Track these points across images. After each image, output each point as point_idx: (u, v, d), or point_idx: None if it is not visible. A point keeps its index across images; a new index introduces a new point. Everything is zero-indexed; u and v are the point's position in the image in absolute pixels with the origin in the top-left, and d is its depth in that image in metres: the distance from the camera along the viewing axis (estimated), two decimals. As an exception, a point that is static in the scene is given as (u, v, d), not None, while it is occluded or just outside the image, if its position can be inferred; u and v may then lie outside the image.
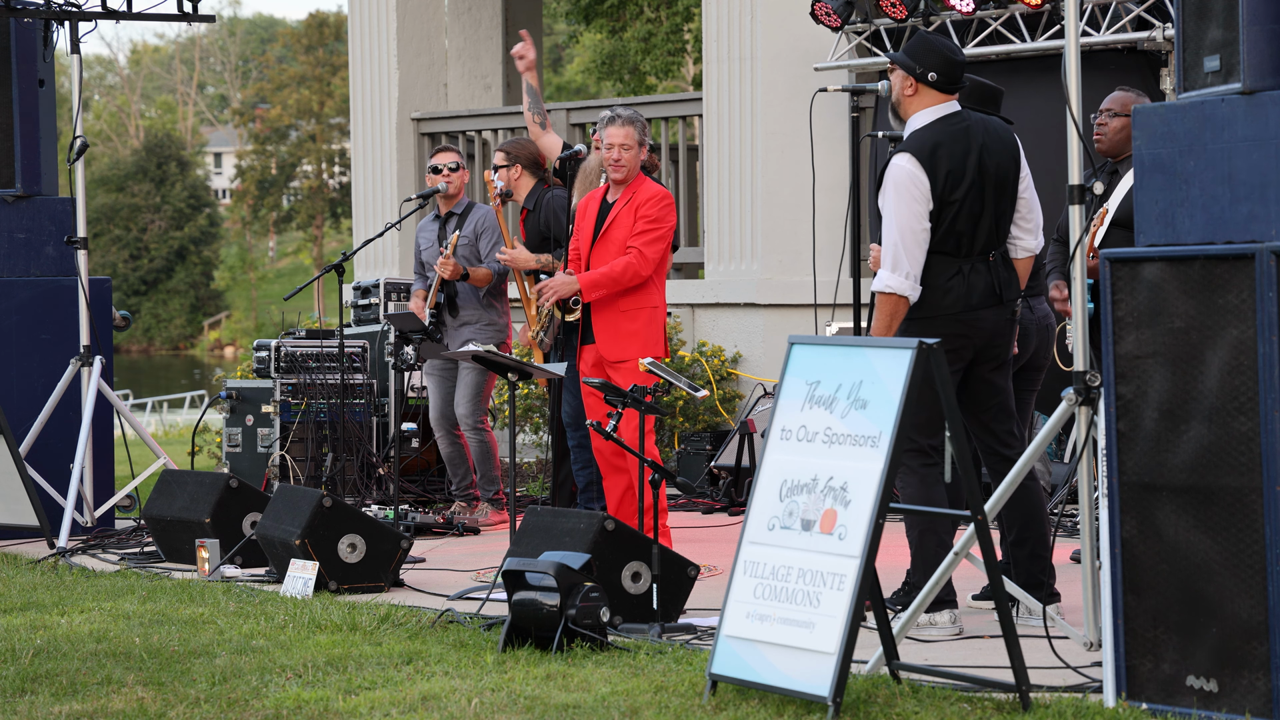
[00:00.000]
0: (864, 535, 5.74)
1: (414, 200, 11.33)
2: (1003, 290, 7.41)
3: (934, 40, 7.49)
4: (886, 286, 7.26)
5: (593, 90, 45.07)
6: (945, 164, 7.28)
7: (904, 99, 7.43)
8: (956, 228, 7.32)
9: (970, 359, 7.40)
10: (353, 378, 11.94)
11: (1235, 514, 5.52)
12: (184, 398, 38.67)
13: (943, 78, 7.37)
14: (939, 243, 7.31)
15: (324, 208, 75.78)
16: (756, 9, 13.28)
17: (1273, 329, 5.42)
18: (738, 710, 5.83)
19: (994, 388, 7.47)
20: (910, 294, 7.26)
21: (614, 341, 9.24)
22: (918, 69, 7.37)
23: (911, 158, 7.28)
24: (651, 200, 9.24)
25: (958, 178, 7.29)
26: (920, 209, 7.27)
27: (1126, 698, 5.76)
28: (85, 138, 10.53)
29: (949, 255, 7.33)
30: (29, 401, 10.66)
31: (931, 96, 7.40)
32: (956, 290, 7.32)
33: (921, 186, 7.26)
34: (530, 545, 7.58)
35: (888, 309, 7.26)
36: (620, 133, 9.25)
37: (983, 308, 7.35)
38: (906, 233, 7.25)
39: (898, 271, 7.25)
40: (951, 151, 7.30)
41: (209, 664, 6.73)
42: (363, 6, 15.98)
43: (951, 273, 7.32)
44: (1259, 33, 5.63)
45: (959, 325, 7.30)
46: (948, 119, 7.38)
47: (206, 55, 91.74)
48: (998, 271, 7.40)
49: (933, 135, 7.32)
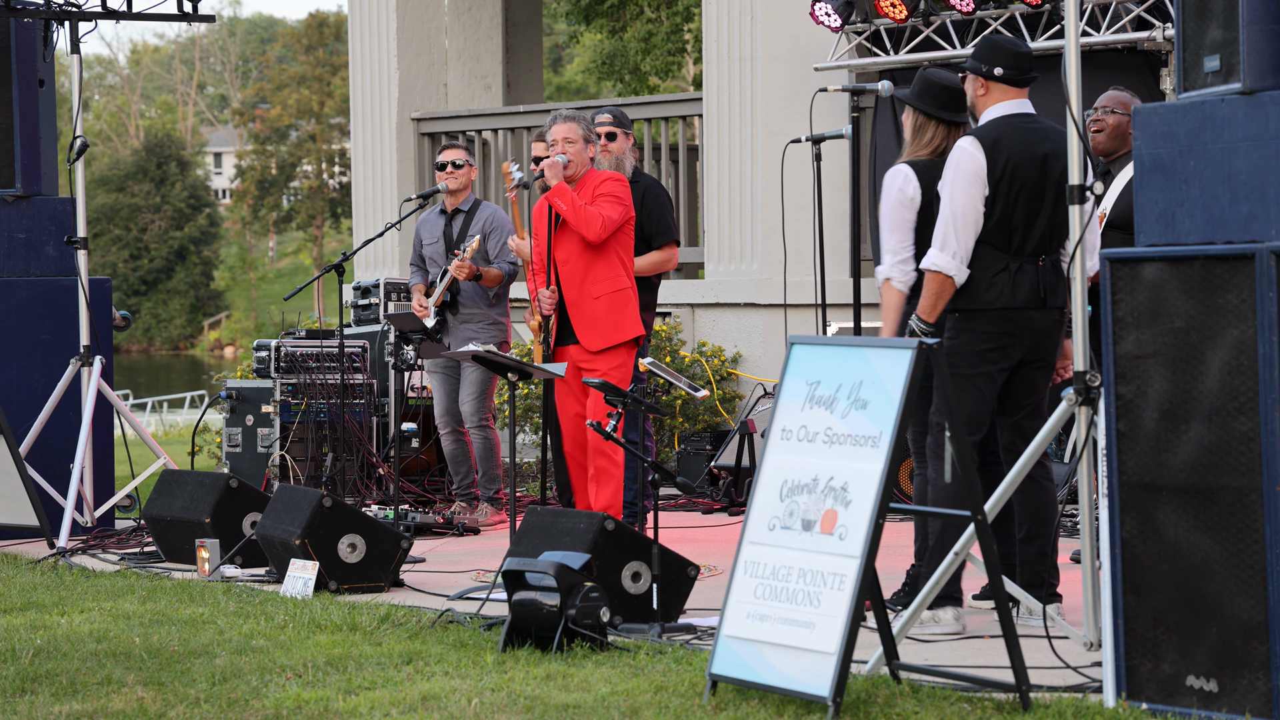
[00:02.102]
0: (864, 535, 5.74)
1: (414, 200, 11.33)
2: (1048, 294, 7.41)
3: (997, 38, 7.60)
4: (934, 265, 7.30)
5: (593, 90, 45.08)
6: (1007, 153, 7.31)
7: (978, 100, 7.48)
8: (1011, 222, 7.33)
9: (1019, 360, 7.42)
10: (353, 378, 11.94)
11: (1235, 514, 5.52)
12: (184, 398, 38.67)
13: (1010, 70, 7.41)
14: (990, 233, 7.33)
15: (324, 208, 75.79)
16: (756, 9, 13.28)
17: (1273, 329, 5.42)
18: (738, 710, 5.83)
19: (1033, 387, 7.51)
20: (956, 275, 7.28)
21: (592, 331, 9.26)
22: (984, 67, 7.43)
23: (975, 140, 7.34)
24: (606, 180, 9.32)
25: (1018, 171, 7.31)
26: (976, 191, 7.29)
27: (1126, 698, 5.76)
28: (85, 138, 10.53)
29: (998, 249, 7.34)
30: (29, 401, 10.65)
31: (1002, 92, 7.44)
32: (1000, 286, 7.33)
33: (980, 169, 7.29)
34: (530, 545, 7.58)
35: (934, 287, 7.30)
36: (562, 129, 9.35)
37: (1028, 309, 7.37)
38: (959, 213, 7.28)
39: (945, 250, 7.28)
40: (1016, 145, 7.34)
41: (209, 664, 6.73)
42: (363, 6, 15.99)
43: (999, 268, 7.34)
44: (1259, 33, 5.63)
45: (1006, 324, 7.33)
46: (1019, 116, 7.43)
47: (206, 55, 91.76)
48: (1045, 276, 7.40)
49: (999, 127, 7.38)
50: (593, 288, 9.27)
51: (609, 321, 9.26)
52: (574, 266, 9.29)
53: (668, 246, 10.34)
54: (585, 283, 9.27)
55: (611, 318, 9.27)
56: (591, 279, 9.27)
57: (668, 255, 10.34)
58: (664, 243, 10.32)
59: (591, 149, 9.41)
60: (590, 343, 9.26)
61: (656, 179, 10.65)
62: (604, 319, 9.26)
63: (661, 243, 10.31)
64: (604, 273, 9.28)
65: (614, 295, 9.28)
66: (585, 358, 9.27)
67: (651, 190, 10.36)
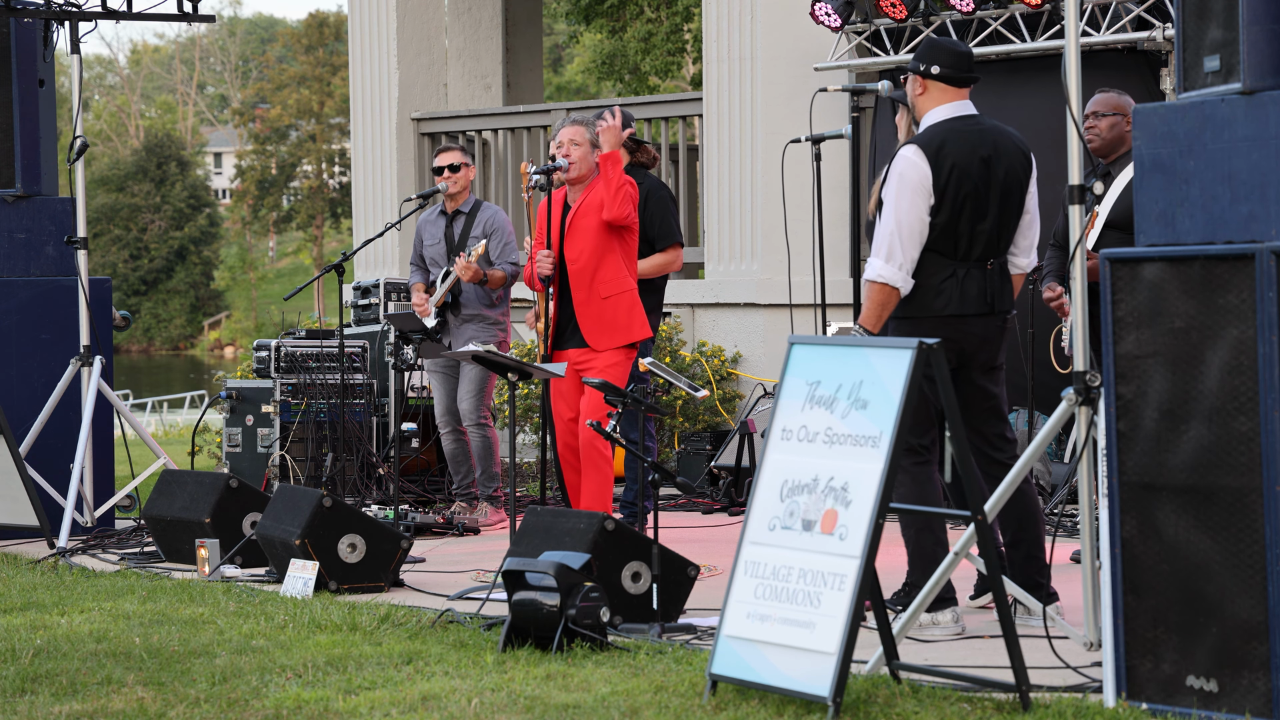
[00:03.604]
0: (864, 535, 5.74)
1: (414, 200, 11.33)
2: (994, 300, 7.37)
3: (938, 39, 7.51)
4: (879, 276, 7.24)
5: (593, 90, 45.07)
6: (951, 160, 7.26)
7: (916, 101, 7.41)
8: (956, 228, 7.30)
9: (956, 364, 7.37)
10: (353, 378, 11.94)
11: (1235, 514, 5.52)
12: (184, 398, 38.67)
13: (947, 69, 7.36)
14: (935, 241, 7.29)
15: (324, 208, 75.79)
16: (756, 9, 13.28)
17: (1273, 329, 5.42)
18: (738, 710, 5.83)
19: (985, 392, 7.45)
20: (902, 286, 7.25)
21: (601, 331, 9.27)
22: (921, 66, 7.37)
23: (918, 149, 7.27)
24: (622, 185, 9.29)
25: (963, 176, 7.27)
26: (920, 201, 7.25)
27: (1126, 698, 5.76)
28: (85, 138, 10.53)
29: (945, 256, 7.31)
30: (29, 401, 10.65)
31: (941, 92, 7.38)
32: (949, 293, 7.30)
33: (924, 179, 7.24)
34: (530, 545, 7.57)
35: (878, 299, 7.25)
36: (568, 132, 9.40)
37: (973, 315, 7.33)
38: (903, 224, 7.23)
39: (891, 262, 7.24)
40: (960, 149, 7.28)
41: (209, 664, 6.73)
42: (363, 6, 15.99)
43: (945, 274, 7.30)
44: (1259, 33, 5.63)
45: (947, 330, 7.24)
46: (961, 119, 7.37)
47: (206, 55, 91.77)
48: (993, 280, 7.37)
49: (942, 132, 7.31)
50: (601, 288, 9.28)
51: (618, 322, 9.28)
52: (584, 266, 9.30)
53: (672, 248, 10.35)
54: (595, 283, 9.28)
55: (620, 318, 9.29)
56: (600, 280, 9.28)
57: (672, 257, 10.35)
58: (668, 245, 10.33)
59: (597, 153, 9.42)
60: (598, 343, 9.27)
61: (660, 180, 10.63)
62: (613, 319, 9.28)
63: (665, 245, 10.32)
64: (612, 273, 9.30)
65: (622, 296, 9.31)
66: (583, 359, 9.27)
67: (655, 192, 10.36)
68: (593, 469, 9.21)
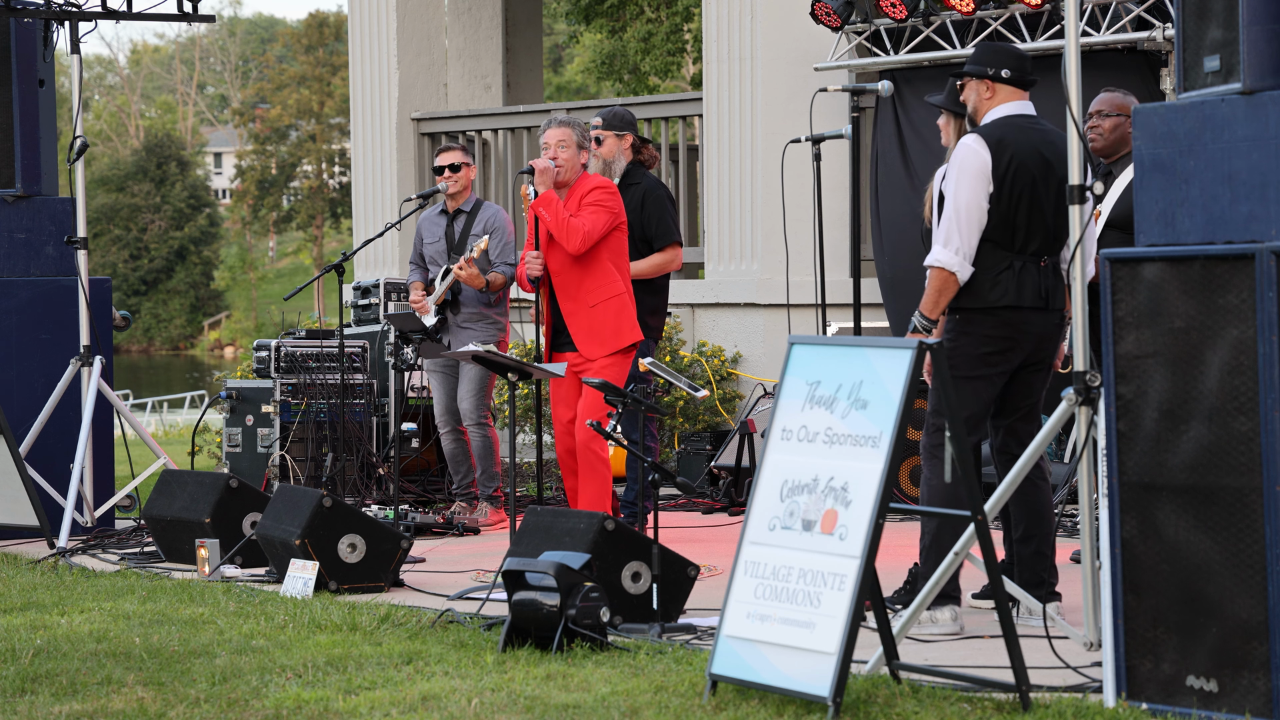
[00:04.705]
0: (864, 535, 5.74)
1: (414, 200, 11.33)
2: (1049, 295, 7.43)
3: (996, 44, 7.67)
4: (937, 261, 7.32)
5: (593, 90, 45.07)
6: (1010, 151, 7.35)
7: (982, 103, 7.53)
8: (1014, 220, 7.36)
9: (1019, 363, 7.43)
10: (353, 378, 11.94)
11: (1235, 514, 5.52)
12: (184, 398, 38.67)
13: (1016, 72, 7.49)
14: (993, 230, 7.36)
15: (324, 208, 75.80)
16: (756, 9, 13.28)
17: (1273, 329, 5.42)
18: (738, 710, 5.83)
19: (1030, 390, 7.53)
20: (960, 271, 7.30)
21: (590, 339, 9.25)
22: (989, 70, 7.48)
23: (978, 138, 7.39)
24: (595, 189, 9.29)
25: (1022, 169, 7.36)
26: (980, 188, 7.33)
27: (1126, 698, 5.76)
28: (85, 138, 10.53)
29: (1002, 248, 7.36)
30: (29, 401, 10.65)
31: (1007, 94, 7.51)
32: (1005, 284, 7.35)
33: (984, 166, 7.33)
34: (530, 545, 7.58)
35: (936, 284, 7.33)
36: (555, 134, 9.35)
37: (1029, 309, 7.38)
38: (963, 210, 7.31)
39: (949, 247, 7.31)
40: (1020, 144, 7.38)
41: (209, 664, 6.73)
42: (363, 6, 15.99)
43: (1003, 266, 7.36)
44: (1259, 33, 5.63)
45: (1008, 327, 7.34)
46: (1023, 117, 7.49)
47: (206, 55, 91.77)
48: (1047, 276, 7.43)
49: (1002, 127, 7.44)
50: (588, 296, 9.26)
51: (607, 329, 9.26)
52: (567, 277, 9.28)
53: (670, 248, 10.33)
54: (580, 291, 9.26)
55: (609, 325, 9.26)
56: (586, 288, 9.26)
57: (670, 256, 10.34)
58: (666, 244, 10.31)
59: (584, 155, 9.40)
60: (589, 352, 9.25)
61: (658, 179, 10.60)
62: (602, 327, 9.25)
63: (663, 244, 10.30)
64: (598, 281, 9.27)
65: (609, 302, 9.27)
66: (578, 363, 9.26)
67: (652, 191, 10.33)
68: (590, 472, 9.19)
